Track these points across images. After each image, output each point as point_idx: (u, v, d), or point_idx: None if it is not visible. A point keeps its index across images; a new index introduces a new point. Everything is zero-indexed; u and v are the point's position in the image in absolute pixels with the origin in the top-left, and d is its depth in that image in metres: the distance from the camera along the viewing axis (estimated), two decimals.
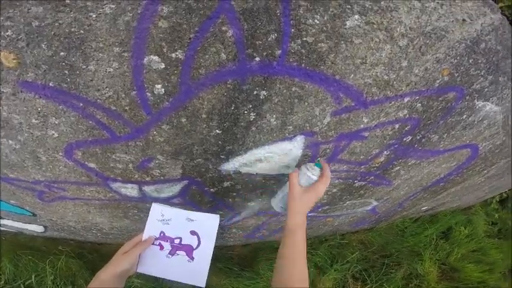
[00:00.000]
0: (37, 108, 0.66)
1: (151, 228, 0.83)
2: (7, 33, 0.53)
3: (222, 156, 0.83)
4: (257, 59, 0.60)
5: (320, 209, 1.35)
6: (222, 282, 1.75)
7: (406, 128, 0.87)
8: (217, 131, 0.73)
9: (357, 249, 2.07)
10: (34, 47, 0.55)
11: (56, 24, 0.53)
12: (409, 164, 1.08)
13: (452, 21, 0.62)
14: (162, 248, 0.82)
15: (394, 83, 0.71)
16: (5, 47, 0.55)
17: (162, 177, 0.89)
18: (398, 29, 0.61)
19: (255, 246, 1.94)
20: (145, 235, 0.82)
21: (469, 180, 1.42)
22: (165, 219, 0.84)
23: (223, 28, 0.55)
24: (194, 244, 0.83)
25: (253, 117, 0.72)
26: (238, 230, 1.49)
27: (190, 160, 0.82)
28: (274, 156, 0.85)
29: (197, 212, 0.85)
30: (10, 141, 0.75)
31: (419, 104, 0.79)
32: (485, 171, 1.35)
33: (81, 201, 1.06)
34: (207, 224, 0.84)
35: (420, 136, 0.93)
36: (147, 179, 0.89)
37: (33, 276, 1.68)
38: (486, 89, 0.81)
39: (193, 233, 0.84)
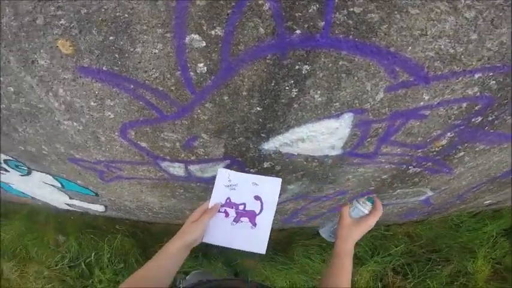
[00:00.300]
0: (94, 92, 0.72)
1: (218, 194, 0.80)
2: (60, 22, 0.58)
3: (263, 135, 0.81)
4: (298, 31, 0.57)
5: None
6: (256, 265, 1.79)
7: (476, 108, 0.75)
8: (258, 108, 0.72)
9: (402, 242, 1.94)
10: (86, 33, 0.59)
11: (102, 10, 0.56)
12: (477, 149, 0.95)
13: None
14: (227, 215, 0.80)
15: (462, 57, 0.62)
16: (60, 35, 0.60)
17: (206, 157, 0.91)
18: (462, 0, 0.52)
19: (291, 231, 1.94)
20: (211, 202, 0.79)
21: None
22: (232, 184, 0.82)
23: (260, 1, 0.53)
24: (257, 210, 0.81)
25: (295, 93, 0.69)
26: (276, 213, 1.48)
27: (232, 139, 0.83)
28: (317, 136, 0.81)
29: (261, 176, 0.83)
30: (74, 123, 0.84)
31: (494, 82, 0.68)
32: None
33: (135, 180, 1.15)
34: (270, 188, 0.82)
35: (493, 117, 0.80)
36: (192, 158, 0.93)
37: (92, 255, 1.88)
38: None
39: (257, 198, 0.82)
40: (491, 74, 0.66)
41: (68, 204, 1.76)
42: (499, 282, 1.96)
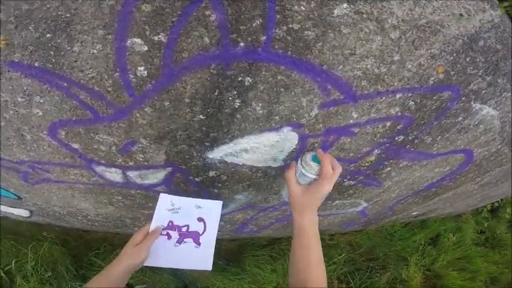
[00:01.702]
0: (23, 87, 0.66)
1: (160, 218, 0.83)
2: None
3: (207, 144, 0.81)
4: (241, 44, 0.59)
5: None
6: (206, 274, 1.74)
7: (398, 127, 0.85)
8: (201, 116, 0.72)
9: (345, 251, 2.07)
10: (22, 29, 0.56)
11: (44, 8, 0.53)
12: (401, 165, 1.06)
13: (448, 15, 0.61)
14: (169, 237, 0.83)
15: (386, 77, 0.69)
16: None
17: (145, 163, 0.87)
18: (389, 21, 0.59)
19: (242, 242, 1.93)
20: (152, 225, 0.81)
21: (461, 187, 1.40)
22: (175, 208, 0.86)
23: (207, 12, 0.54)
24: (200, 230, 0.86)
25: (238, 104, 0.70)
26: (226, 224, 1.48)
27: (173, 146, 0.81)
28: (260, 147, 0.84)
29: (203, 200, 0.89)
30: None
31: (412, 102, 0.77)
32: (479, 179, 1.33)
33: (65, 184, 1.05)
34: (212, 209, 0.88)
35: (413, 136, 0.91)
36: (130, 163, 0.88)
37: (13, 262, 1.67)
38: (484, 91, 0.79)
39: (200, 219, 0.87)
40: (410, 94, 0.74)
41: None
42: None
